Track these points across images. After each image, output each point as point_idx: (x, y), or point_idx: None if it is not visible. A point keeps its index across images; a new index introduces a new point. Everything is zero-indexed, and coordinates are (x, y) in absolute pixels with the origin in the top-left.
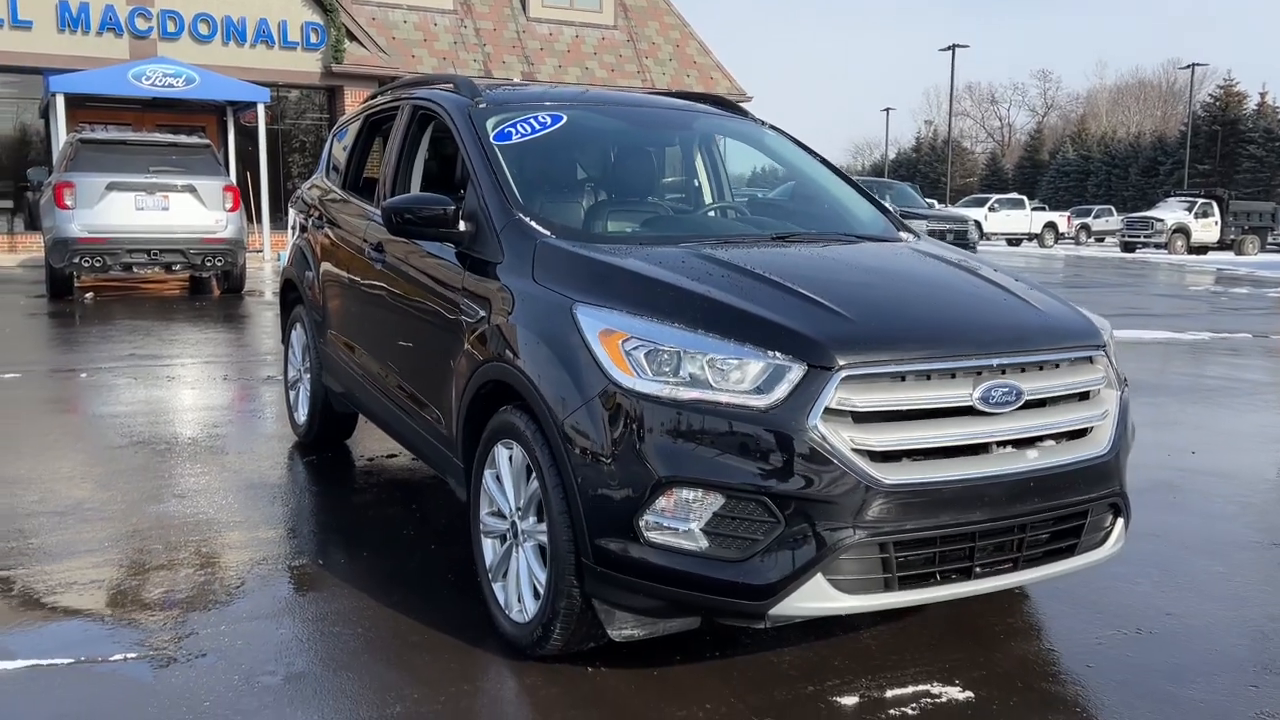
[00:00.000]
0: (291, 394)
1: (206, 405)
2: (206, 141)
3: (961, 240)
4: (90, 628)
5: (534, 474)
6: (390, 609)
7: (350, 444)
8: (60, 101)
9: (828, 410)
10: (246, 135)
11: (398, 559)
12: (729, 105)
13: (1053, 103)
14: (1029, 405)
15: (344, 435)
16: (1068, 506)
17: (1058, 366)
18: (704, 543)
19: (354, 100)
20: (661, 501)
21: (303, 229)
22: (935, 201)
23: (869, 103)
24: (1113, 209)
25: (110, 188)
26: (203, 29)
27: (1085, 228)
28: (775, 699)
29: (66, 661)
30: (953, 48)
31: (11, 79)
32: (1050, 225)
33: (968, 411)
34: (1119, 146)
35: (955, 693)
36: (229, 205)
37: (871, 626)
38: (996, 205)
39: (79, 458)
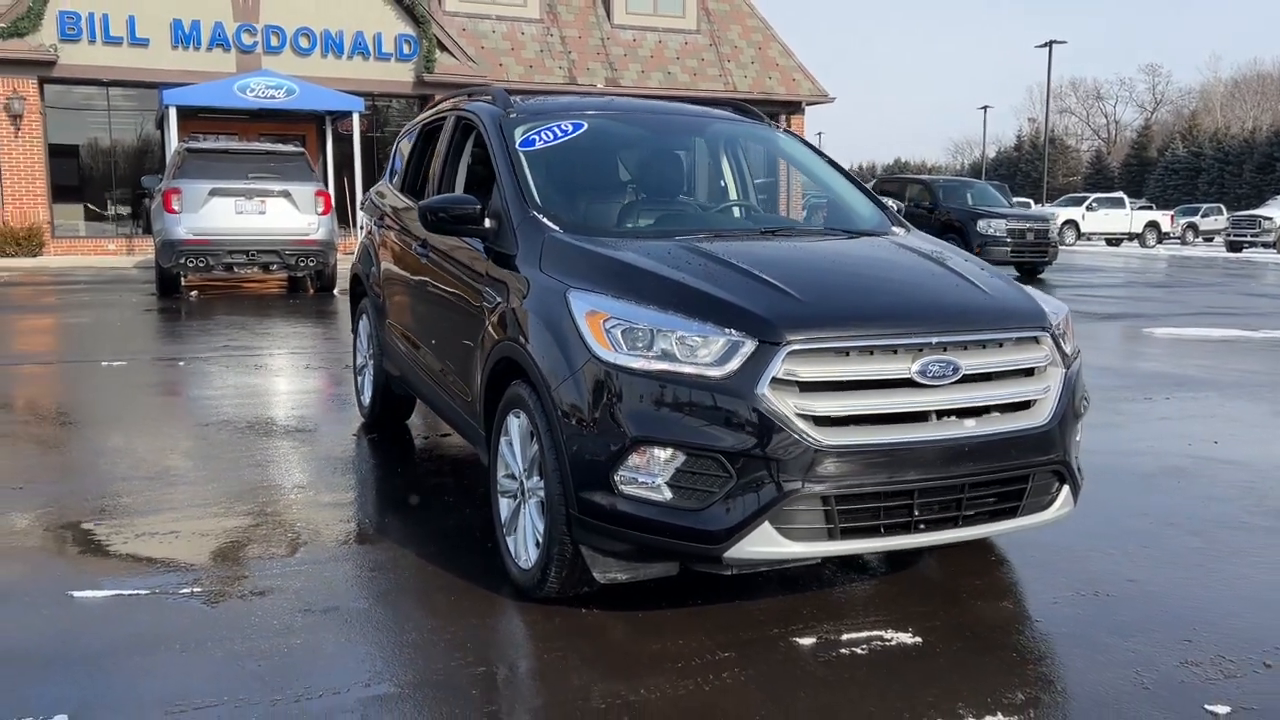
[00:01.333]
0: (359, 379)
1: (287, 390)
2: (301, 150)
3: (1043, 239)
4: (165, 568)
5: (535, 437)
6: (423, 560)
7: (410, 424)
8: (173, 114)
9: (775, 380)
10: (343, 142)
11: (437, 520)
12: (747, 111)
13: (1162, 98)
14: (968, 379)
15: (404, 416)
16: (1007, 471)
17: (1001, 345)
18: (668, 494)
19: None
20: (633, 459)
21: (369, 228)
22: (1031, 201)
23: (970, 100)
24: (1222, 207)
25: (213, 193)
26: (303, 43)
27: (1193, 227)
28: (741, 638)
29: (144, 593)
30: (1049, 44)
31: (131, 93)
32: (1152, 225)
33: (906, 383)
34: (1232, 143)
35: (905, 638)
36: (321, 209)
37: (846, 584)
38: (1095, 204)
39: (169, 433)
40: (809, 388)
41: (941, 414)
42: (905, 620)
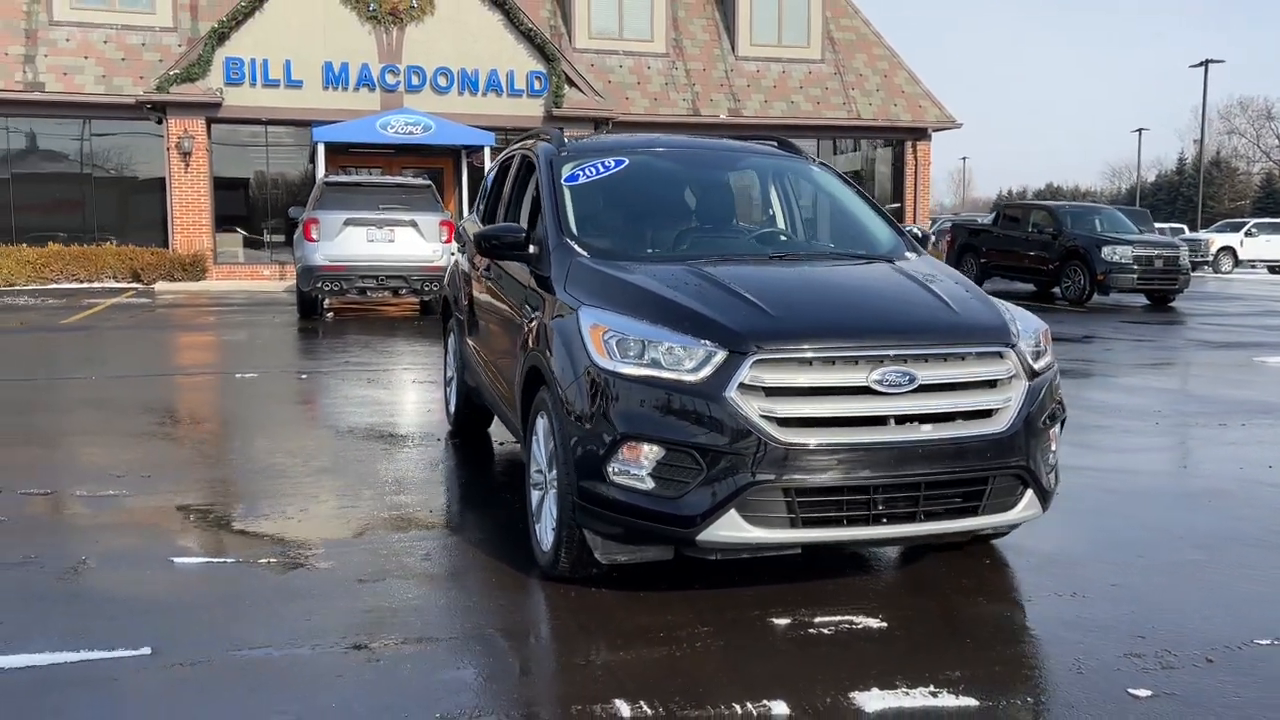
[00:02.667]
0: (447, 390)
1: (389, 400)
2: (428, 183)
3: (1173, 266)
4: (252, 542)
5: (552, 435)
6: (469, 544)
7: (490, 432)
8: (321, 149)
9: (742, 385)
10: (477, 175)
11: (490, 512)
12: (787, 145)
13: None
14: (926, 388)
15: (484, 424)
16: (965, 472)
17: (963, 359)
18: (651, 484)
19: None
20: (623, 452)
21: (457, 257)
22: (1185, 227)
23: (1131, 122)
24: None
25: (347, 223)
26: (441, 81)
27: None
28: (724, 617)
29: (230, 561)
30: (1205, 63)
31: (287, 131)
32: None
33: (865, 391)
34: None
35: (873, 622)
36: (445, 238)
37: (840, 577)
38: (1254, 230)
39: (279, 434)
40: (774, 392)
41: (900, 419)
42: (879, 609)
